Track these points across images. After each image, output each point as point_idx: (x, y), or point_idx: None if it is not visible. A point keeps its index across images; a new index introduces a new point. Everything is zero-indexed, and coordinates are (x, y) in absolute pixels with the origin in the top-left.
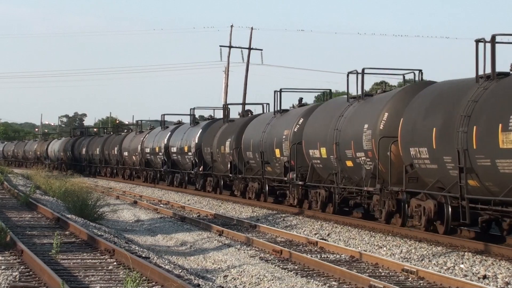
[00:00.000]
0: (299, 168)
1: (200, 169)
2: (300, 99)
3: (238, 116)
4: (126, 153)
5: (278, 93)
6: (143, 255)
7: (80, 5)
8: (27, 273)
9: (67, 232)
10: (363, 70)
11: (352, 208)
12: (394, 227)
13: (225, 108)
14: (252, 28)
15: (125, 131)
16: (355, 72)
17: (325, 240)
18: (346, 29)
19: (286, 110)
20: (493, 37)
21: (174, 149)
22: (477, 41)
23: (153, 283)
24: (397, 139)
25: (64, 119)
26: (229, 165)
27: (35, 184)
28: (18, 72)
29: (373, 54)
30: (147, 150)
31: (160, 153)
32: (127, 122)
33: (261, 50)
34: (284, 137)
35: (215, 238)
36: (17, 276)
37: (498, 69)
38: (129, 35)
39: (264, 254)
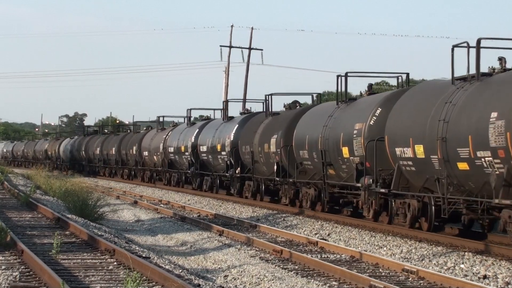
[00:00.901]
0: (379, 172)
1: (237, 171)
2: (370, 86)
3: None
4: (146, 153)
5: (343, 77)
6: (144, 255)
7: (80, 5)
8: (27, 273)
9: (67, 232)
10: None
11: (469, 227)
12: (394, 227)
13: (267, 99)
14: (252, 28)
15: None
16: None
17: (325, 240)
18: (346, 29)
19: (354, 99)
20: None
21: (203, 148)
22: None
23: (154, 283)
24: None
25: (64, 119)
26: (275, 167)
27: (35, 184)
28: (18, 72)
29: (373, 54)
30: (171, 149)
31: (187, 153)
32: (127, 122)
33: (261, 50)
34: (355, 132)
35: (216, 238)
36: (17, 276)
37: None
38: (129, 35)
39: (265, 254)
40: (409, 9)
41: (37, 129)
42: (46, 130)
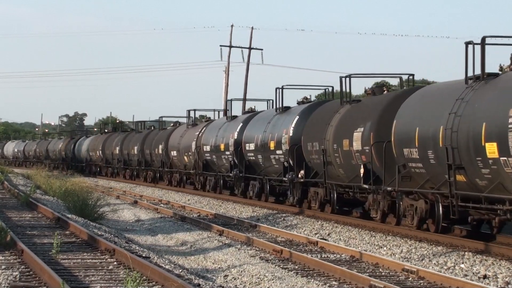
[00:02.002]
0: None
1: (300, 175)
2: None
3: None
4: (174, 153)
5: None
6: (144, 255)
7: (80, 5)
8: (27, 273)
9: (67, 232)
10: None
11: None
12: (394, 227)
13: (344, 80)
14: (252, 28)
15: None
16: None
17: (325, 240)
18: (346, 29)
19: (495, 74)
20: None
21: (250, 147)
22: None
23: (154, 283)
24: None
25: (64, 119)
26: (361, 170)
27: (35, 184)
28: (18, 72)
29: (373, 54)
30: (207, 148)
31: (228, 152)
32: (127, 122)
33: (261, 50)
34: None
35: (216, 238)
36: (17, 276)
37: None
38: (129, 35)
39: (265, 254)
40: (409, 9)
41: (37, 129)
42: (46, 130)
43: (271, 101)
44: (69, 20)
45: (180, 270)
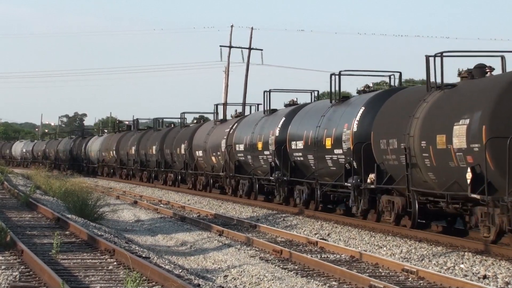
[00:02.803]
0: None
1: (369, 180)
2: None
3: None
4: (199, 153)
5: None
6: (143, 255)
7: (80, 5)
8: (27, 273)
9: (67, 232)
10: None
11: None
12: (394, 227)
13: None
14: (252, 28)
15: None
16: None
17: (325, 240)
18: (346, 29)
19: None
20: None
21: (298, 145)
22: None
23: (153, 283)
24: None
25: (64, 119)
26: (469, 175)
27: (35, 184)
28: (18, 72)
29: (373, 54)
30: (240, 147)
31: (267, 152)
32: (126, 122)
33: (261, 50)
34: None
35: (215, 238)
36: (17, 276)
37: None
38: (129, 35)
39: (264, 254)
40: (409, 9)
41: (37, 129)
42: (46, 130)
43: (315, 91)
44: (69, 20)
45: (180, 270)
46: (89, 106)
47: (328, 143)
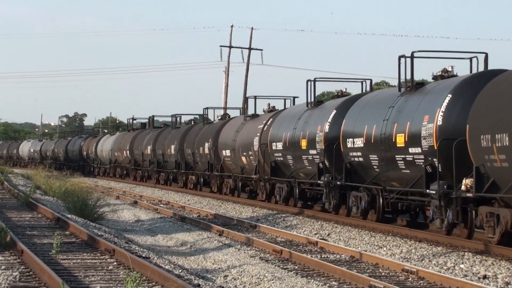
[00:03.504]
0: None
1: (465, 187)
2: None
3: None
4: (226, 152)
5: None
6: (143, 255)
7: (80, 5)
8: (27, 273)
9: (67, 232)
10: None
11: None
12: (394, 227)
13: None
14: (252, 28)
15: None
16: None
17: (325, 240)
18: (346, 29)
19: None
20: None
21: (354, 142)
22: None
23: (153, 283)
24: None
25: (64, 119)
26: None
27: (35, 184)
28: (18, 72)
29: (373, 54)
30: (277, 146)
31: (313, 151)
32: (126, 122)
33: (261, 50)
34: None
35: (215, 238)
36: (17, 276)
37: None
38: (129, 35)
39: (264, 254)
40: (409, 9)
41: (37, 129)
42: (46, 130)
43: (368, 81)
44: (69, 20)
45: (180, 271)
46: (89, 106)
47: (400, 140)
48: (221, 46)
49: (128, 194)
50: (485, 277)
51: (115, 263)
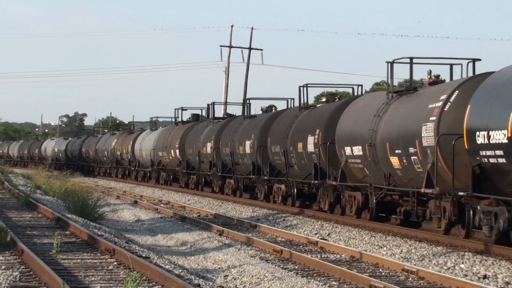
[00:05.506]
0: None
1: None
2: None
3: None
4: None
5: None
6: (144, 255)
7: (80, 5)
8: (27, 273)
9: (67, 232)
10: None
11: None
12: (394, 227)
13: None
14: (252, 28)
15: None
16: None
17: (325, 240)
18: (346, 29)
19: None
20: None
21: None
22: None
23: (154, 283)
24: None
25: (64, 119)
26: None
27: (35, 184)
28: (18, 72)
29: (373, 54)
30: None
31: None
32: (126, 122)
33: (261, 50)
34: None
35: (216, 238)
36: (18, 276)
37: None
38: (129, 35)
39: (265, 254)
40: (409, 9)
41: (37, 129)
42: (46, 130)
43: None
44: (69, 20)
45: (180, 270)
46: (89, 106)
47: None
48: (221, 46)
49: (128, 194)
50: (485, 277)
51: (115, 263)
